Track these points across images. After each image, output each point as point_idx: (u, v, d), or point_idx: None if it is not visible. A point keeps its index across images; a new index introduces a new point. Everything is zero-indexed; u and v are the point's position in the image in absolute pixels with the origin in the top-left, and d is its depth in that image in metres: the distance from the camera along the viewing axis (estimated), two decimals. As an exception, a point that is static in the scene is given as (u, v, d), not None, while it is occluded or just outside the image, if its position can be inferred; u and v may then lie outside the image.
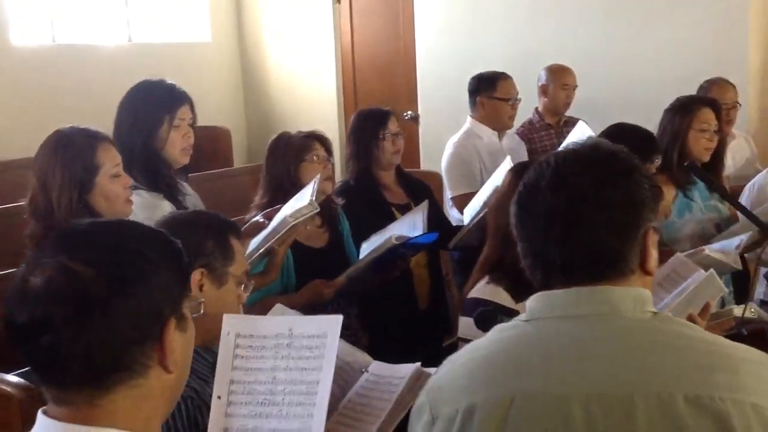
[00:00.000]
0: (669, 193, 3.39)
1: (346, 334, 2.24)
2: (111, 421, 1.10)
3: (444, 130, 4.55)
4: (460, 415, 1.29)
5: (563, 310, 1.29)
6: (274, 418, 1.78)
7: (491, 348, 1.34)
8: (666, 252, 2.63)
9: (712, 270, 2.12)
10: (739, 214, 3.60)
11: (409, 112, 6.71)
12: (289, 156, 3.07)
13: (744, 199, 3.72)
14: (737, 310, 2.22)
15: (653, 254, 1.32)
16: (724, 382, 1.20)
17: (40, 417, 1.12)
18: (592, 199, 1.28)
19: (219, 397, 1.77)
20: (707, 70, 4.83)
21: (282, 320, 1.97)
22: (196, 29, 7.26)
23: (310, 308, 2.92)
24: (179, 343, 1.14)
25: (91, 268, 1.07)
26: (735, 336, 3.45)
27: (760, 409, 1.19)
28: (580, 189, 1.28)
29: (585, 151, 1.35)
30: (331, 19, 7.05)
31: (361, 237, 3.24)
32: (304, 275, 2.96)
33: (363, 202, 3.50)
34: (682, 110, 3.45)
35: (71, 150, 2.34)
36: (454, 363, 1.38)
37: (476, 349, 1.36)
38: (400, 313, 3.46)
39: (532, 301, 1.33)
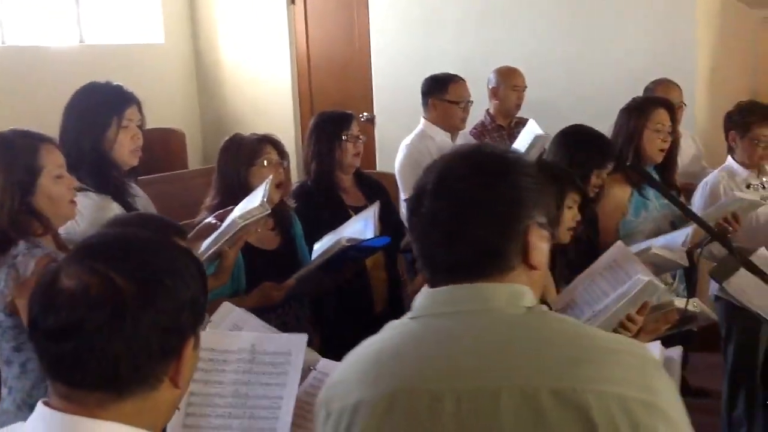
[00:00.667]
0: (625, 192, 3.46)
1: (297, 335, 2.23)
2: (115, 420, 1.12)
3: (400, 132, 4.58)
4: (348, 411, 1.32)
5: (442, 308, 1.33)
6: (236, 431, 1.79)
7: (380, 345, 1.38)
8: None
9: (653, 278, 2.17)
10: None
11: (365, 114, 6.72)
12: (240, 159, 3.05)
13: (697, 199, 3.80)
14: (678, 302, 2.27)
15: (540, 249, 1.35)
16: (588, 374, 1.21)
17: (40, 407, 1.14)
18: (470, 201, 1.32)
19: (178, 409, 1.76)
20: (656, 71, 4.92)
21: (245, 336, 1.98)
22: (149, 30, 7.18)
23: (259, 311, 2.94)
24: (192, 361, 1.18)
25: (127, 278, 1.10)
26: (687, 332, 3.54)
27: (624, 399, 1.19)
28: (459, 192, 1.33)
29: (465, 154, 1.40)
30: (285, 20, 7.04)
31: (317, 239, 3.23)
32: (255, 278, 2.94)
33: (320, 203, 3.50)
34: (637, 111, 3.51)
35: (12, 152, 2.31)
36: (349, 359, 1.42)
37: (369, 345, 1.40)
38: (356, 315, 3.46)
39: (419, 299, 1.37)
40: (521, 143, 4.09)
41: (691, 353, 4.94)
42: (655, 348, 1.81)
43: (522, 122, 4.61)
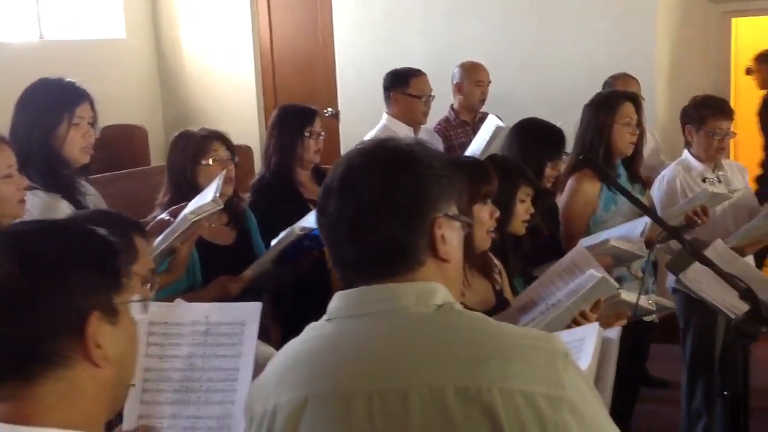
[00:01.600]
0: (595, 187, 3.47)
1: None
2: (43, 419, 1.11)
3: (364, 127, 4.55)
4: (268, 416, 1.31)
5: (354, 309, 1.32)
6: (193, 405, 1.79)
7: (299, 347, 1.36)
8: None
9: (605, 275, 2.18)
10: (653, 202, 3.72)
11: (330, 109, 6.70)
12: (187, 156, 3.00)
13: (654, 192, 3.83)
14: (625, 295, 2.28)
15: (450, 241, 1.34)
16: (494, 371, 1.20)
17: None
18: (373, 197, 1.30)
19: (133, 385, 1.75)
20: (616, 65, 4.97)
21: (198, 307, 1.96)
22: (110, 25, 7.09)
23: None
24: (109, 336, 1.15)
25: (11, 265, 1.11)
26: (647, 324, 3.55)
27: (530, 395, 1.19)
28: (362, 188, 1.31)
29: (368, 150, 1.37)
30: (248, 14, 6.99)
31: (276, 233, 3.21)
32: (211, 273, 2.92)
33: (280, 197, 3.47)
34: (605, 106, 3.51)
35: None
36: (273, 361, 1.40)
37: (290, 348, 1.38)
38: (317, 309, 3.44)
39: (333, 301, 1.35)
40: (481, 137, 4.10)
41: (652, 344, 5.02)
42: (593, 329, 1.80)
43: (486, 117, 4.61)
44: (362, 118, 5.64)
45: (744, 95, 6.87)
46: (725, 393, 2.39)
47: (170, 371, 1.80)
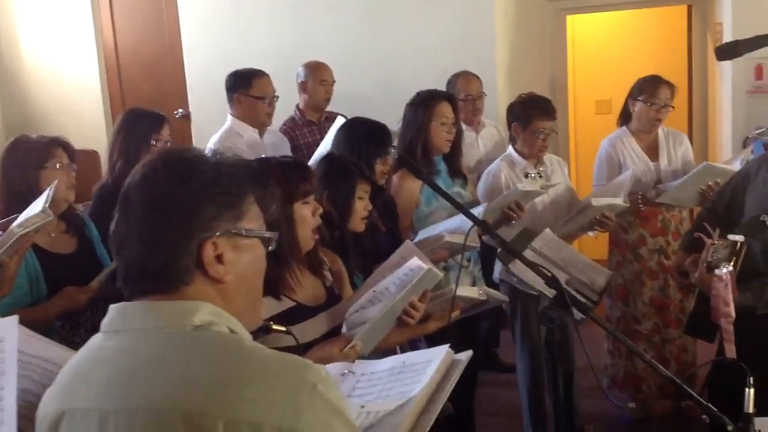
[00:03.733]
0: (416, 183, 3.58)
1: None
2: None
3: (216, 128, 4.49)
4: (45, 423, 1.32)
5: (115, 325, 1.30)
6: None
7: (76, 357, 1.35)
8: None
9: (432, 267, 2.26)
10: (479, 195, 3.88)
11: (180, 110, 6.59)
12: (28, 162, 2.91)
13: (480, 186, 3.98)
14: (461, 290, 2.36)
15: (235, 260, 1.30)
16: (225, 399, 1.17)
17: None
18: (143, 213, 1.28)
19: None
20: (460, 64, 5.13)
21: None
22: (-59, 27, 6.72)
23: (65, 315, 2.85)
24: None
25: None
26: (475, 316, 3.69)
27: (259, 426, 1.16)
28: (136, 202, 1.29)
29: (151, 162, 1.33)
30: (90, 14, 6.76)
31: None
32: (56, 283, 2.85)
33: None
34: (423, 105, 3.65)
35: None
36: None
37: (73, 357, 1.37)
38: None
39: (108, 313, 1.33)
40: (330, 138, 4.13)
41: (502, 331, 5.23)
42: (443, 351, 1.86)
43: (332, 117, 4.66)
44: (214, 119, 5.53)
45: (581, 89, 7.25)
46: (554, 372, 2.52)
47: None
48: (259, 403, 1.17)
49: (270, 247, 1.38)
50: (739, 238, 2.71)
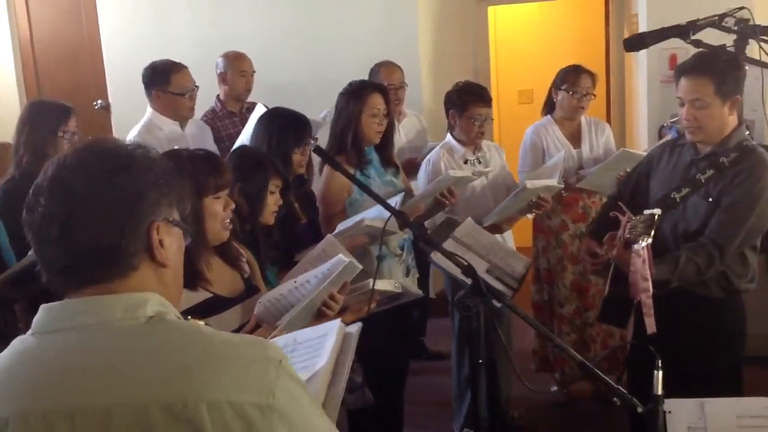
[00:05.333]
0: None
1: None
2: None
3: (137, 118, 4.40)
4: None
5: (58, 323, 1.26)
6: None
7: (2, 363, 1.29)
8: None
9: (352, 260, 2.27)
10: (409, 184, 3.90)
11: (100, 101, 6.44)
12: None
13: (421, 174, 4.02)
14: (379, 284, 2.38)
15: (169, 246, 1.32)
16: (202, 384, 1.18)
17: None
18: (86, 197, 1.25)
19: None
20: (383, 53, 5.14)
21: None
22: None
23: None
24: None
25: None
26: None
27: (239, 406, 1.17)
28: (75, 187, 1.26)
29: (83, 149, 1.32)
30: (4, 4, 6.54)
31: (26, 240, 3.05)
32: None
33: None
34: (354, 95, 3.65)
35: None
36: None
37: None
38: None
39: (38, 314, 1.30)
40: (250, 127, 4.09)
41: (428, 320, 5.28)
42: (335, 326, 1.89)
43: (253, 107, 4.61)
44: (134, 110, 5.39)
45: (504, 79, 7.35)
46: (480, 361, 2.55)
47: None
48: (235, 385, 1.19)
49: (187, 240, 1.39)
50: (657, 211, 2.79)
